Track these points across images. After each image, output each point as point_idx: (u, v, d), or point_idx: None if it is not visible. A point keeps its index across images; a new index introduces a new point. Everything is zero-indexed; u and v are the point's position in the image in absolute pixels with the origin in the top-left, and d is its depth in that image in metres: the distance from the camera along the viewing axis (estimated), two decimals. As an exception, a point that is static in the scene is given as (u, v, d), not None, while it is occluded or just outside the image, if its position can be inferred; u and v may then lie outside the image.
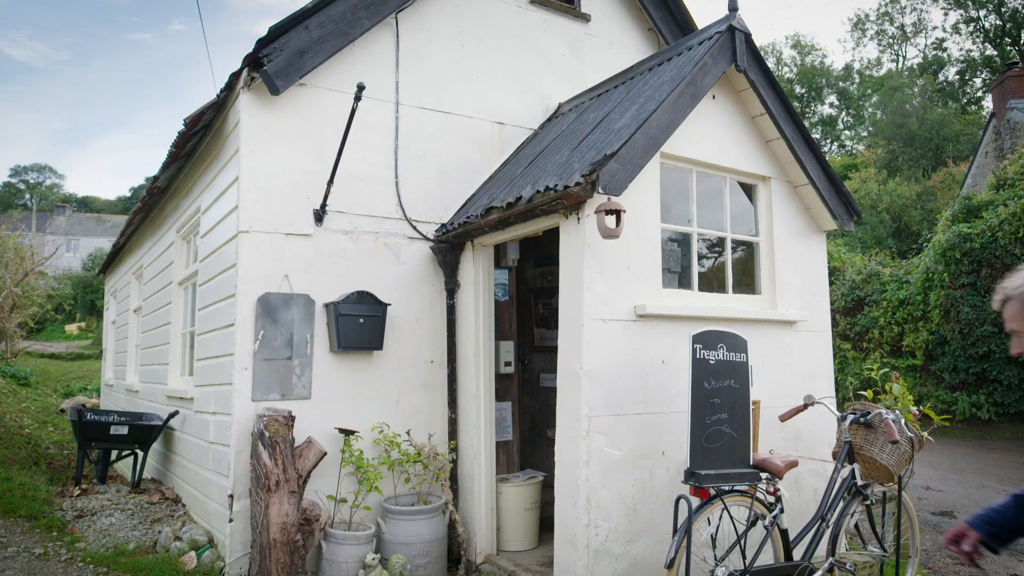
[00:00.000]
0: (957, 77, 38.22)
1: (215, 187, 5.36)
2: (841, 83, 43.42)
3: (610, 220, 3.85)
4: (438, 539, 4.77)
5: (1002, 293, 2.16)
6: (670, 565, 3.35)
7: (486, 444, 5.14)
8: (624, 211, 3.84)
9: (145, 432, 6.76)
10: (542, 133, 5.83)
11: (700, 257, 4.89)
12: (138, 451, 6.87)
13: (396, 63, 5.39)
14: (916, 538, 4.57)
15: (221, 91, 4.85)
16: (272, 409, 4.50)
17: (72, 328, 36.67)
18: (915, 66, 39.73)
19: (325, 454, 4.62)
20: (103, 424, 6.70)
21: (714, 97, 4.75)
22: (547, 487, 5.26)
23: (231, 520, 4.46)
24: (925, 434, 4.15)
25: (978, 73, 36.94)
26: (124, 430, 6.71)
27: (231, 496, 4.49)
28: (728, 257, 4.90)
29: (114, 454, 7.18)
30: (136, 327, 9.20)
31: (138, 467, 6.86)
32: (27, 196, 64.88)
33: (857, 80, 42.89)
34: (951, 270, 13.17)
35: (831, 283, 15.62)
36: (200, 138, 5.66)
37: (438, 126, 5.54)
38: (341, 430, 4.77)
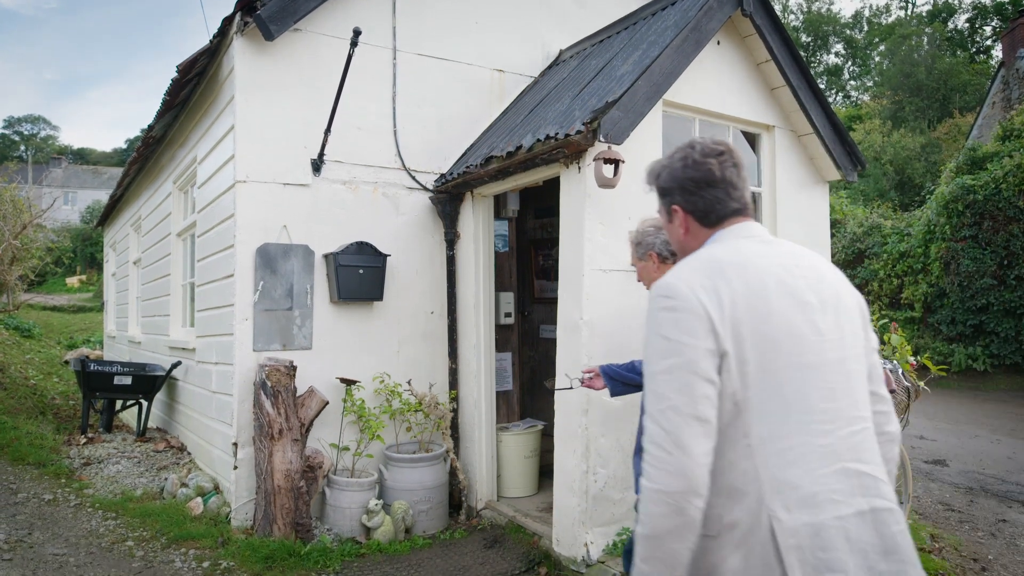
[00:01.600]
0: (967, 25, 37.40)
1: (211, 136, 5.29)
2: (848, 31, 42.50)
3: (608, 169, 3.80)
4: (439, 486, 4.86)
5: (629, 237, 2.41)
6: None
7: (486, 393, 5.20)
8: (623, 161, 3.79)
9: (148, 382, 6.83)
10: (543, 81, 5.72)
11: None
12: (142, 401, 6.96)
13: (393, 8, 5.25)
14: (909, 485, 4.66)
15: (214, 37, 4.74)
16: (274, 359, 4.54)
17: (73, 281, 36.74)
18: (924, 13, 38.83)
19: (327, 403, 4.67)
20: (107, 374, 6.77)
21: (719, 43, 4.64)
22: (547, 435, 5.33)
23: (236, 467, 4.54)
24: (922, 384, 4.19)
25: (988, 20, 36.12)
26: (128, 380, 6.78)
27: (235, 444, 4.56)
28: (730, 208, 4.87)
29: (119, 404, 7.28)
30: (136, 279, 9.21)
31: (143, 416, 6.96)
32: (22, 148, 64.18)
33: (865, 28, 41.97)
34: (953, 222, 13.12)
35: (832, 235, 15.56)
36: (194, 86, 5.56)
37: (437, 74, 5.43)
38: (343, 380, 4.81)
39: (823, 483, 1.50)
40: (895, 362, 4.14)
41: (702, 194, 1.74)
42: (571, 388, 3.86)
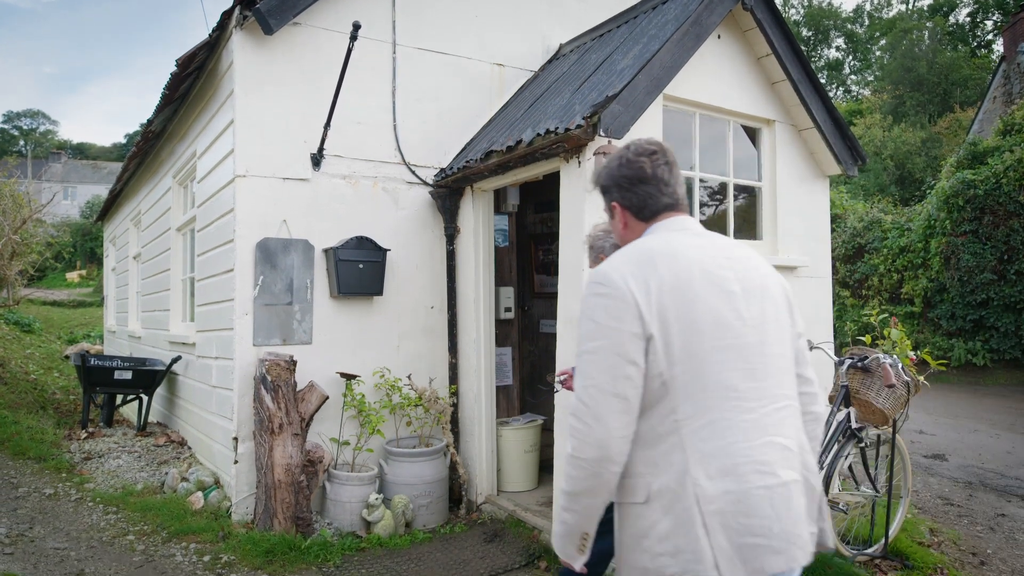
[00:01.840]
0: (968, 19, 37.30)
1: (210, 131, 5.28)
2: (849, 25, 42.40)
3: (611, 164, 3.79)
4: (439, 480, 4.87)
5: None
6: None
7: (486, 388, 5.20)
8: (626, 154, 3.78)
9: (149, 377, 6.84)
10: (543, 75, 5.71)
11: (702, 204, 4.85)
12: (143, 395, 6.96)
13: (393, 2, 5.24)
14: (908, 479, 4.67)
15: (213, 30, 4.73)
16: (274, 354, 4.54)
17: (73, 276, 36.74)
18: (925, 7, 38.72)
19: (327, 398, 4.68)
20: (107, 369, 6.78)
21: (719, 37, 4.63)
22: (547, 430, 5.34)
23: (236, 462, 4.55)
24: (921, 379, 4.19)
25: (989, 15, 36.02)
26: (128, 375, 6.79)
27: (235, 439, 4.56)
28: (730, 202, 4.86)
29: (119, 399, 7.28)
30: (136, 274, 9.21)
31: (143, 411, 6.96)
32: (21, 143, 64.07)
33: (866, 23, 41.87)
34: (953, 217, 13.11)
35: (832, 230, 15.57)
36: (194, 80, 5.54)
37: (437, 68, 5.42)
38: (343, 374, 4.82)
39: (746, 455, 1.63)
40: (895, 357, 4.13)
41: (636, 190, 1.87)
42: (556, 391, 3.85)
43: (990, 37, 36.15)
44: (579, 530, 1.72)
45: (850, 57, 43.41)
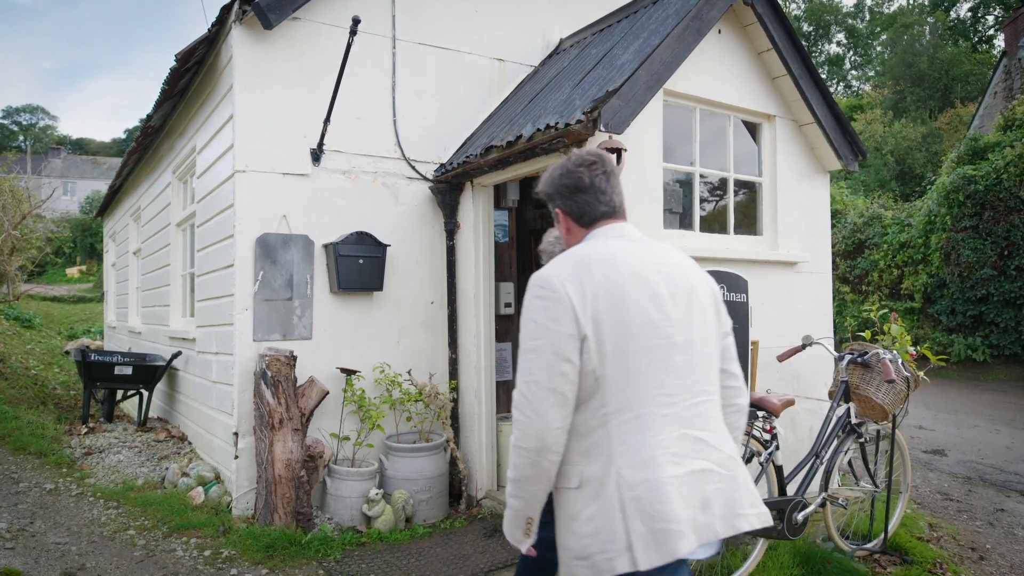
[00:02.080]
0: (969, 14, 37.20)
1: (210, 126, 5.27)
2: (850, 20, 42.30)
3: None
4: (440, 475, 4.88)
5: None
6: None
7: (486, 384, 5.20)
8: (625, 150, 3.78)
9: (149, 372, 6.84)
10: (543, 70, 5.69)
11: (702, 200, 4.84)
12: (143, 391, 6.97)
13: (392, -4, 5.22)
14: (908, 475, 4.68)
15: (212, 25, 4.72)
16: (274, 349, 4.54)
17: (73, 271, 36.74)
18: (927, 2, 38.60)
19: (327, 393, 4.68)
20: (107, 364, 6.78)
21: (720, 32, 4.62)
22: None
23: (236, 457, 4.55)
24: (921, 374, 4.19)
25: (991, 10, 35.93)
26: (128, 370, 6.79)
27: (236, 434, 4.57)
28: (730, 198, 4.86)
29: (119, 394, 7.29)
30: (136, 269, 9.20)
31: (143, 406, 6.97)
32: (21, 138, 63.97)
33: (867, 17, 41.77)
34: (953, 213, 13.10)
35: (832, 226, 15.57)
36: (193, 75, 5.53)
37: (436, 63, 5.41)
38: (343, 370, 4.82)
39: (664, 447, 1.78)
40: (895, 352, 4.13)
41: (575, 198, 2.02)
42: None
43: (991, 32, 36.07)
44: (524, 515, 1.87)
45: (851, 52, 43.33)
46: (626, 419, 1.79)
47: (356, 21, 4.21)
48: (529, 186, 5.89)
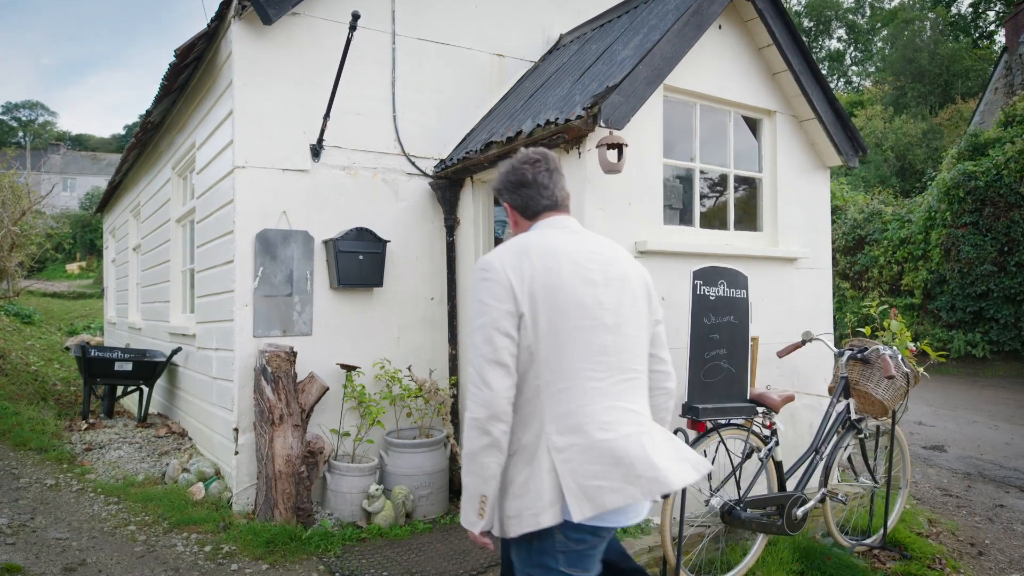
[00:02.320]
0: (970, 10, 37.12)
1: (209, 121, 5.26)
2: (851, 16, 42.21)
3: (612, 154, 3.79)
4: (440, 471, 4.88)
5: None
6: (666, 495, 3.43)
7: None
8: (626, 145, 3.77)
9: (149, 368, 6.84)
10: (543, 66, 5.68)
11: (702, 196, 4.84)
12: (143, 387, 6.97)
13: (392, -9, 5.21)
14: (907, 470, 4.68)
15: (212, 21, 4.71)
16: (274, 345, 4.54)
17: (73, 267, 36.74)
18: (928, -3, 38.53)
19: (327, 389, 4.68)
20: (107, 360, 6.78)
21: (720, 27, 4.61)
22: (546, 421, 5.34)
23: (237, 453, 4.56)
24: (921, 370, 4.19)
25: (992, 5, 35.85)
26: (128, 366, 6.80)
27: (236, 430, 4.57)
28: (730, 194, 4.85)
29: (119, 390, 7.29)
30: (136, 265, 9.20)
31: (143, 402, 6.98)
32: (20, 134, 63.89)
33: (868, 13, 41.67)
34: (954, 209, 13.09)
35: (832, 222, 15.56)
36: (192, 71, 5.52)
37: (436, 58, 5.39)
38: (343, 366, 4.82)
39: (592, 416, 1.97)
40: (894, 348, 4.14)
41: (520, 193, 2.22)
42: None
43: (992, 28, 35.98)
44: (478, 492, 1.98)
45: (851, 48, 43.25)
46: (557, 390, 1.98)
47: (356, 16, 4.20)
48: (529, 182, 5.88)
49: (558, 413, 1.97)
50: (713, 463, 3.71)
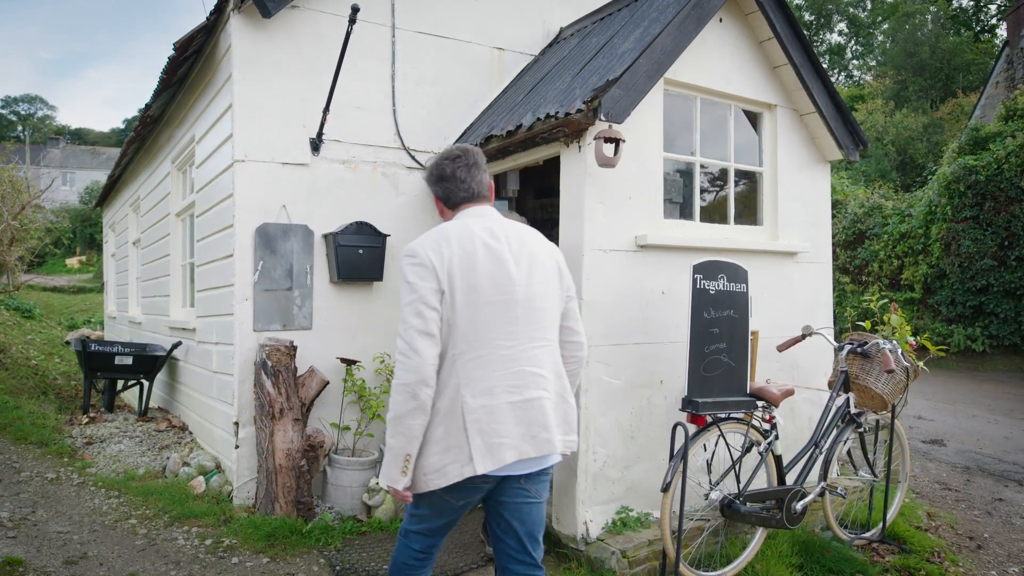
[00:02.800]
0: (971, 3, 37.00)
1: (209, 115, 5.25)
2: (852, 9, 42.07)
3: (608, 148, 3.78)
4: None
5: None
6: (666, 489, 3.44)
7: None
8: (623, 140, 3.77)
9: (149, 362, 6.85)
10: (543, 59, 5.67)
11: (702, 190, 4.83)
12: (143, 381, 6.98)
13: (392, -16, 5.19)
14: (907, 464, 4.69)
15: (211, 14, 4.69)
16: (274, 339, 4.54)
17: (73, 262, 36.73)
18: (929, -9, 38.39)
19: (327, 383, 4.69)
20: (107, 355, 6.79)
21: (721, 20, 4.59)
22: (546, 415, 5.35)
23: (237, 447, 4.56)
24: (920, 364, 4.19)
25: (993, -1, 35.73)
26: (128, 360, 6.80)
27: (236, 424, 4.58)
28: (730, 188, 4.84)
29: (120, 384, 7.30)
30: (136, 259, 9.20)
31: (144, 396, 6.98)
32: (19, 128, 63.79)
33: (869, 7, 41.53)
34: (954, 203, 13.08)
35: (833, 216, 15.55)
36: (191, 64, 5.51)
37: (436, 52, 5.38)
38: (343, 360, 4.82)
39: (501, 380, 2.27)
40: (894, 342, 4.14)
41: (441, 185, 2.50)
42: None
43: (993, 22, 35.88)
44: (402, 452, 2.23)
45: (852, 42, 43.12)
46: (471, 358, 2.27)
47: (355, 9, 4.18)
48: (529, 176, 5.87)
49: (472, 378, 2.26)
50: (713, 457, 3.73)
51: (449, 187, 2.49)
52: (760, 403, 3.86)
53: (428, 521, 2.42)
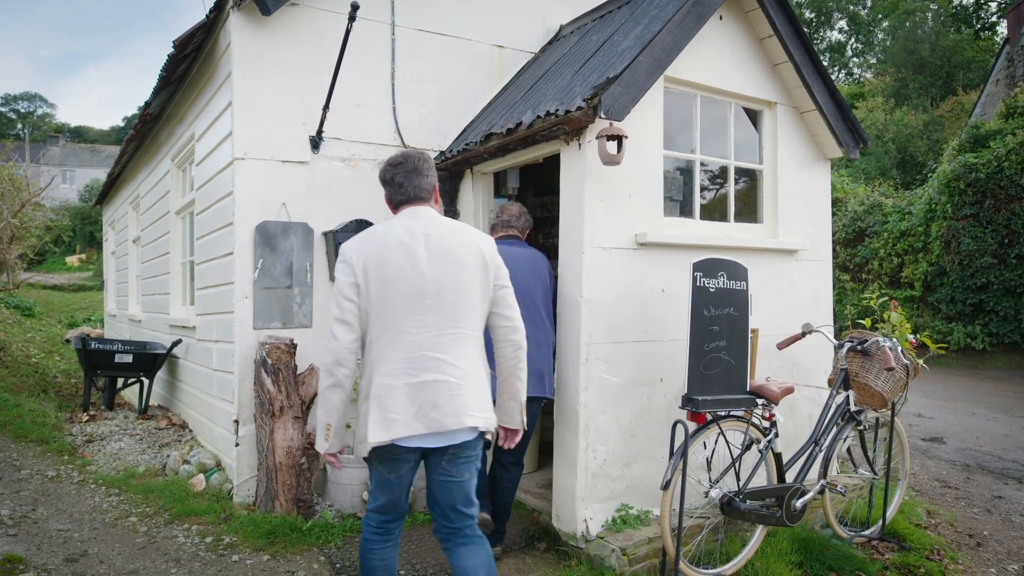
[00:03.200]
0: (972, 1, 36.94)
1: (208, 113, 5.25)
2: (852, 7, 42.01)
3: (611, 146, 3.78)
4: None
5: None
6: (666, 487, 3.44)
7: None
8: (626, 137, 3.76)
9: (149, 360, 6.85)
10: (543, 57, 5.66)
11: (702, 188, 4.82)
12: (143, 379, 6.98)
13: (392, -18, 5.18)
14: (906, 462, 4.69)
15: (210, 11, 4.68)
16: (274, 337, 4.54)
17: (72, 260, 36.71)
18: (930, -12, 38.32)
19: (327, 381, 4.68)
20: (108, 352, 6.79)
21: (721, 18, 4.59)
22: (547, 413, 5.35)
23: (237, 444, 4.57)
24: (920, 362, 4.19)
25: (994, -4, 35.67)
26: (128, 358, 6.80)
27: (236, 421, 4.58)
28: (730, 186, 4.84)
29: (120, 382, 7.30)
30: (136, 257, 9.19)
31: (144, 394, 6.99)
32: (19, 126, 63.74)
33: (869, 4, 41.48)
34: (954, 201, 13.07)
35: (833, 214, 15.53)
36: (191, 62, 5.50)
37: (436, 49, 5.37)
38: (343, 358, 4.82)
39: (404, 363, 2.57)
40: (894, 340, 4.14)
41: (386, 188, 2.84)
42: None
43: (994, 19, 35.84)
44: (324, 422, 2.64)
45: (852, 39, 43.07)
46: (383, 344, 2.59)
47: (355, 7, 4.17)
48: (529, 174, 5.87)
49: (380, 359, 2.59)
50: (713, 455, 3.73)
51: (390, 191, 2.81)
52: (760, 401, 3.86)
53: (377, 497, 2.74)
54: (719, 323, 3.80)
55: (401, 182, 2.76)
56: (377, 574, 2.76)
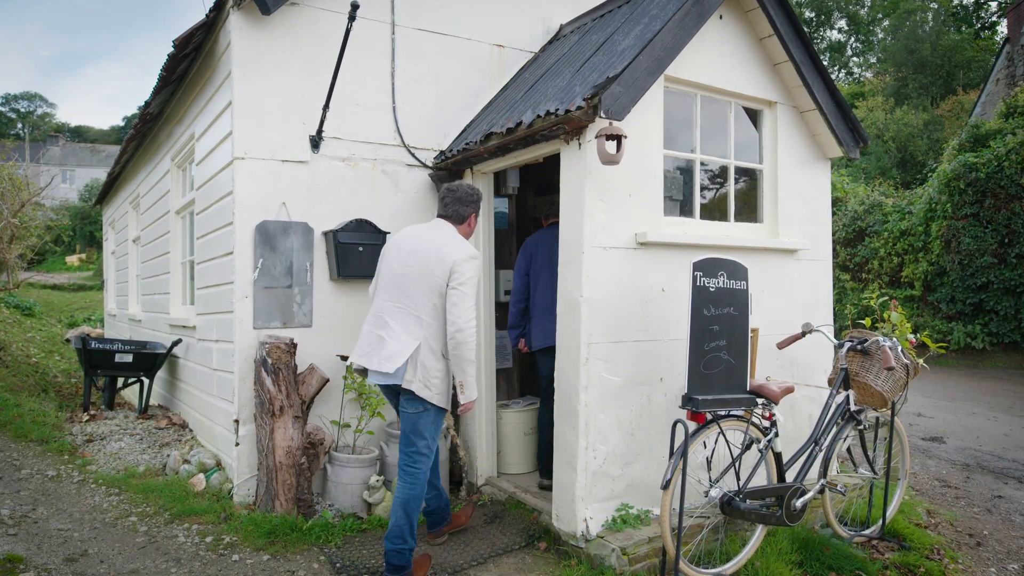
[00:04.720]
0: (972, 1, 36.92)
1: (208, 112, 5.25)
2: (852, 6, 41.99)
3: (610, 145, 3.78)
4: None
5: None
6: (666, 486, 3.44)
7: (486, 371, 5.21)
8: (625, 136, 3.76)
9: (149, 360, 6.85)
10: (543, 56, 5.66)
11: (702, 187, 4.82)
12: (144, 378, 6.98)
13: (391, -19, 5.18)
14: (906, 461, 4.69)
15: (210, 10, 4.68)
16: (274, 336, 4.54)
17: (73, 259, 36.71)
18: (930, -13, 38.28)
19: (327, 380, 4.69)
20: (108, 352, 6.79)
21: (721, 17, 4.58)
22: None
23: (237, 444, 4.57)
24: (920, 361, 4.19)
25: (994, -4, 35.64)
26: (129, 358, 6.80)
27: (236, 421, 4.58)
28: (731, 185, 4.84)
29: (120, 381, 7.30)
30: (136, 257, 9.19)
31: (144, 394, 6.98)
32: (19, 126, 63.73)
33: (869, 3, 41.46)
34: (954, 200, 13.07)
35: (833, 213, 15.53)
36: (191, 61, 5.50)
37: (436, 49, 5.37)
38: (343, 357, 4.82)
39: (374, 319, 3.75)
40: (894, 339, 4.14)
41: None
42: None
43: (994, 19, 35.82)
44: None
45: (852, 39, 43.05)
46: (374, 308, 3.77)
47: (355, 7, 4.17)
48: (529, 173, 5.87)
49: (369, 318, 3.78)
50: (713, 454, 3.73)
51: (438, 204, 3.90)
52: (760, 400, 3.85)
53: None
54: (719, 323, 3.80)
55: (446, 201, 3.81)
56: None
